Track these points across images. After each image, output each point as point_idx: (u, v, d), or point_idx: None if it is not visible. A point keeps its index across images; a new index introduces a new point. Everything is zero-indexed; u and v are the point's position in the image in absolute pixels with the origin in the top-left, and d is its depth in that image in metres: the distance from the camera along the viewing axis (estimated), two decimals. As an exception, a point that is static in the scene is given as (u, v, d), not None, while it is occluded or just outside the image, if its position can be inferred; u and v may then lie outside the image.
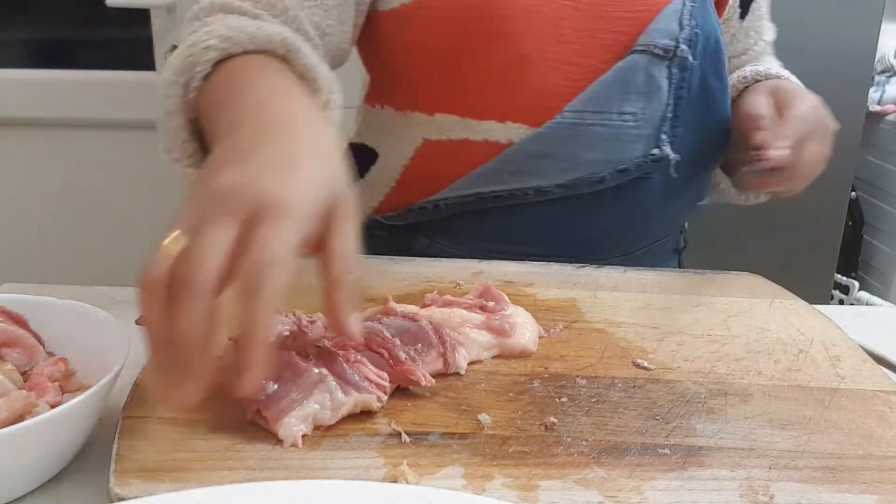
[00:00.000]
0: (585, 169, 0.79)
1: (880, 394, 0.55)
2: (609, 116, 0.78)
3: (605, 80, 0.78)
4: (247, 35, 0.60)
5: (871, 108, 2.13)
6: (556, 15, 0.77)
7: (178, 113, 0.62)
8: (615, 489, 0.44)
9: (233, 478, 0.43)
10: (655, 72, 0.79)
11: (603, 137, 0.78)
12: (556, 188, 0.80)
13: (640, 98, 0.79)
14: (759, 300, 0.70)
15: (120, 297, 0.74)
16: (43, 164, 1.88)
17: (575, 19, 0.77)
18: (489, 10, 0.76)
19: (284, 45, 0.61)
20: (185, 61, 0.60)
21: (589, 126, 0.78)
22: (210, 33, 0.61)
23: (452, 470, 0.45)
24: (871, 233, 2.28)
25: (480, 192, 0.81)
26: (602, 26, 0.78)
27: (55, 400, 0.48)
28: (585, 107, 0.78)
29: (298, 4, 0.72)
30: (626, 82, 0.78)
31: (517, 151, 0.79)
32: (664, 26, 0.78)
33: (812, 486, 0.45)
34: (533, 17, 0.76)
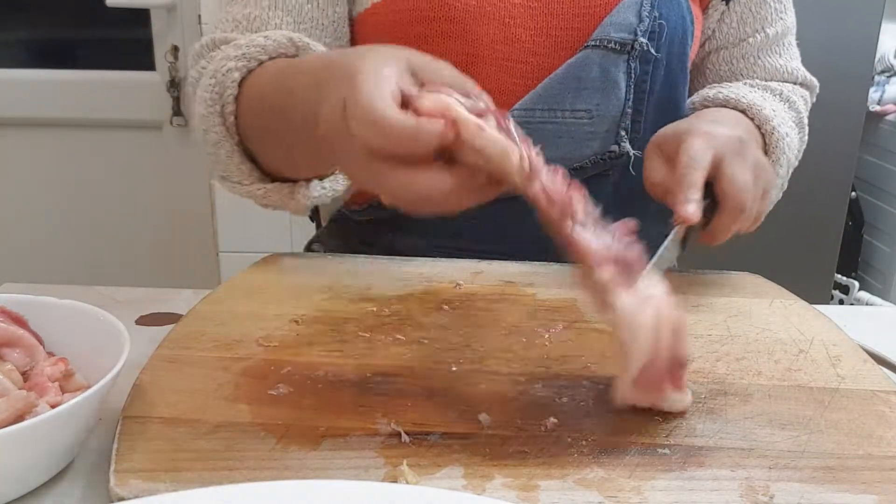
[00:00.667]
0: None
1: (880, 394, 0.55)
2: (561, 114, 0.78)
3: (556, 76, 0.78)
4: (258, 47, 0.66)
5: (871, 108, 2.13)
6: (507, 14, 0.77)
7: (225, 140, 0.67)
8: (615, 489, 0.44)
9: (233, 478, 0.43)
10: (611, 67, 0.77)
11: (554, 135, 0.77)
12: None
13: (595, 94, 0.77)
14: (759, 300, 0.70)
15: (120, 297, 0.74)
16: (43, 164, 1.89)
17: (526, 18, 0.77)
18: (435, 13, 0.76)
19: (293, 43, 0.67)
20: (213, 91, 0.66)
21: (539, 124, 0.78)
22: (226, 58, 0.66)
23: (452, 470, 0.45)
24: (871, 233, 2.28)
25: None
26: (556, 23, 0.77)
27: (55, 400, 0.48)
28: (535, 105, 0.78)
29: (294, 29, 0.77)
30: (578, 78, 0.77)
31: None
32: (620, 19, 0.77)
33: (812, 486, 0.45)
34: (481, 18, 0.76)
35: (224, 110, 0.66)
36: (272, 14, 0.77)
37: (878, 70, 2.18)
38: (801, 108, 0.86)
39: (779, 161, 0.78)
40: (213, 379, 0.54)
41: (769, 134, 0.77)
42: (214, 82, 0.66)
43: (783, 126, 0.79)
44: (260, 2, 0.77)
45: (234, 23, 0.77)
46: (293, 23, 0.78)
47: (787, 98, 0.84)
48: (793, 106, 0.84)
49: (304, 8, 0.78)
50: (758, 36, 0.87)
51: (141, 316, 0.70)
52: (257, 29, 0.76)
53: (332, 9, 0.80)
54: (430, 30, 0.77)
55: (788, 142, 0.79)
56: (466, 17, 0.76)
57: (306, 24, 0.78)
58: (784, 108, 0.83)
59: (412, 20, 0.77)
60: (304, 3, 0.78)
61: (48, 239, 1.90)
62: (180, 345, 0.58)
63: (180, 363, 0.55)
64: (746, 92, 0.80)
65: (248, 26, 0.77)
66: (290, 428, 0.48)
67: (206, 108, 0.67)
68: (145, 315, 0.70)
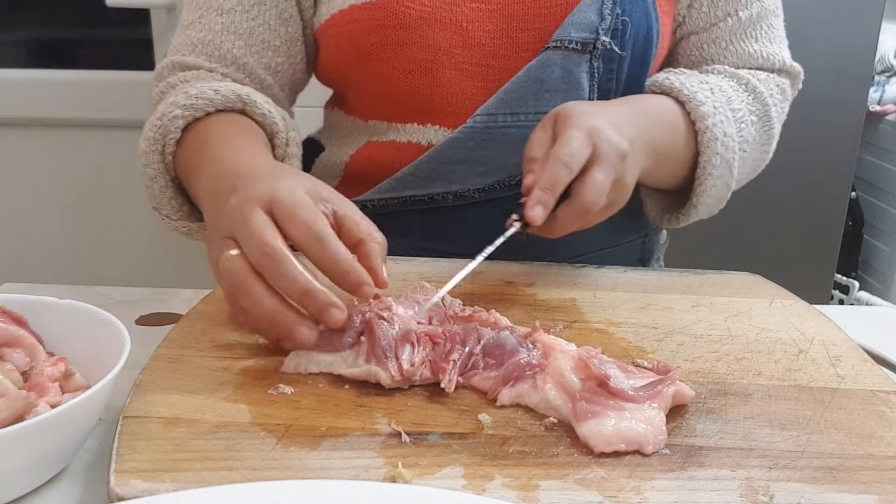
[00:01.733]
0: (503, 172, 0.79)
1: (880, 394, 0.55)
2: (523, 117, 0.77)
3: (518, 80, 0.77)
4: (206, 100, 0.71)
5: (871, 108, 2.13)
6: (464, 18, 0.76)
7: (160, 176, 0.73)
8: (615, 489, 0.44)
9: (233, 478, 0.43)
10: (573, 67, 0.77)
11: (517, 139, 0.75)
12: (475, 192, 0.80)
13: (558, 96, 0.77)
14: (759, 300, 0.70)
15: (120, 297, 0.74)
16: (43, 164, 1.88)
17: (484, 21, 0.77)
18: (391, 21, 0.76)
19: (240, 101, 0.72)
20: (157, 132, 0.71)
21: (502, 128, 0.78)
22: (175, 104, 0.71)
23: (452, 470, 0.45)
24: (871, 233, 2.28)
25: (402, 196, 0.81)
26: (515, 25, 0.77)
27: (55, 400, 0.48)
28: (497, 109, 0.78)
29: (248, 52, 0.80)
30: (540, 80, 0.77)
31: (434, 157, 0.80)
32: (581, 18, 0.76)
33: (812, 486, 0.45)
34: (438, 24, 0.76)
35: (164, 150, 0.72)
36: (225, 38, 0.79)
37: (878, 70, 2.18)
38: (770, 99, 0.82)
39: (710, 161, 0.76)
40: (213, 379, 0.54)
41: (701, 132, 0.75)
42: (160, 125, 0.71)
43: (723, 124, 0.76)
44: (213, 26, 0.79)
45: (191, 46, 0.80)
46: (245, 46, 0.79)
47: (754, 89, 0.81)
48: (759, 97, 0.81)
49: (256, 31, 0.80)
50: (729, 20, 0.84)
51: (141, 316, 0.70)
52: (211, 53, 0.79)
53: (284, 28, 0.81)
54: (386, 38, 0.77)
55: (727, 142, 0.76)
56: (422, 24, 0.76)
57: (257, 47, 0.80)
58: (746, 100, 0.80)
59: (369, 29, 0.77)
60: (255, 27, 0.80)
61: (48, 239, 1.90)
62: (180, 345, 0.58)
63: (180, 363, 0.55)
64: (693, 83, 0.77)
65: (204, 50, 0.80)
66: (289, 428, 0.48)
67: (147, 146, 0.72)
68: (145, 315, 0.70)
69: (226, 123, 0.71)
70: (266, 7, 0.80)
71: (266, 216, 0.53)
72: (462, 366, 0.54)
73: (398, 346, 0.54)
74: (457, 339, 0.55)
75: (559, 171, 0.62)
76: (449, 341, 0.55)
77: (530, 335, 0.56)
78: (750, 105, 0.81)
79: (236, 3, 0.79)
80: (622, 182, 0.66)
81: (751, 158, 0.83)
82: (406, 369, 0.52)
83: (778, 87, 0.85)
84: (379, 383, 0.52)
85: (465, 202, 0.80)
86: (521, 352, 0.54)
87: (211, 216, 0.60)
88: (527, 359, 0.53)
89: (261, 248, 0.51)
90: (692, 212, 0.81)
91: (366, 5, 0.76)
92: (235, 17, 0.79)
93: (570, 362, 0.52)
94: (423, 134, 0.80)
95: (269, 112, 0.73)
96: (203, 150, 0.68)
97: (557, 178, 0.62)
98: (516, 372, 0.53)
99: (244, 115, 0.73)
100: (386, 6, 0.76)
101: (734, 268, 0.78)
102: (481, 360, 0.54)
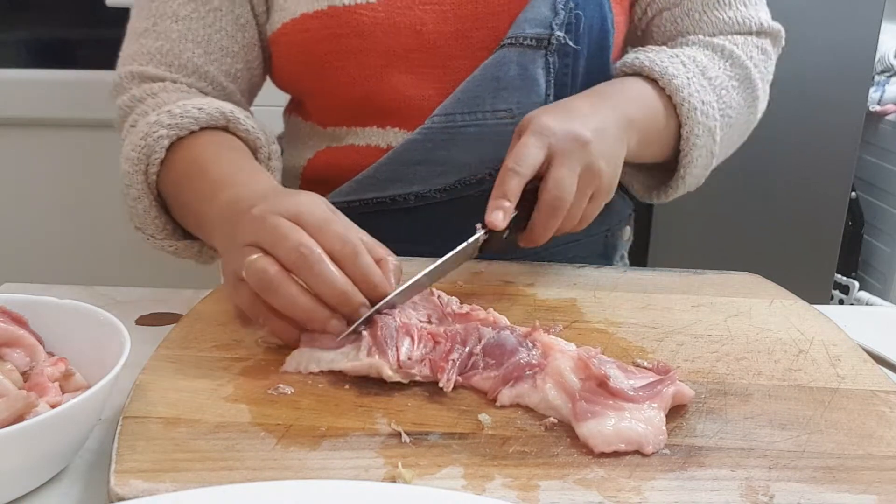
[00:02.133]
0: (462, 172, 0.79)
1: (880, 394, 0.55)
2: (481, 115, 0.77)
3: (474, 78, 0.77)
4: (191, 119, 0.71)
5: (871, 108, 2.13)
6: (418, 21, 0.76)
7: (144, 197, 0.72)
8: (615, 489, 0.44)
9: (233, 478, 0.43)
10: (529, 63, 0.77)
11: (476, 138, 0.76)
12: (436, 193, 0.80)
13: (515, 93, 0.77)
14: (759, 300, 0.70)
15: (120, 297, 0.74)
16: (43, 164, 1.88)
17: (439, 22, 0.76)
18: (344, 30, 0.76)
19: (224, 118, 0.73)
20: (140, 152, 0.71)
21: (461, 128, 0.78)
22: (159, 123, 0.71)
23: (452, 470, 0.45)
24: (871, 233, 2.28)
25: (363, 198, 0.81)
26: (470, 25, 0.77)
27: (55, 400, 0.48)
28: (455, 109, 0.78)
29: (207, 60, 0.79)
30: (496, 78, 0.77)
31: (393, 159, 0.80)
32: (535, 14, 0.76)
33: (812, 486, 0.45)
34: (392, 29, 0.76)
35: (148, 170, 0.71)
36: (183, 46, 0.78)
37: (878, 70, 2.18)
38: (750, 61, 0.82)
39: (693, 131, 0.76)
40: (213, 379, 0.54)
41: (679, 105, 0.76)
42: (144, 145, 0.71)
43: (700, 93, 0.76)
44: (170, 35, 0.78)
45: (149, 56, 0.79)
46: (204, 54, 0.79)
47: (731, 54, 0.81)
48: (737, 62, 0.81)
49: (213, 38, 0.79)
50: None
51: (141, 316, 0.70)
52: (171, 62, 0.79)
53: (241, 34, 0.80)
54: (340, 46, 0.76)
55: (706, 109, 0.76)
56: (376, 30, 0.75)
57: (216, 54, 0.80)
58: (723, 66, 0.80)
59: (321, 38, 0.76)
60: (212, 34, 0.79)
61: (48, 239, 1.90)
62: (180, 345, 0.58)
63: (180, 363, 0.55)
64: (663, 59, 0.77)
65: (163, 59, 0.79)
66: (289, 428, 0.48)
67: (131, 167, 0.72)
68: (145, 315, 0.70)
69: (217, 144, 0.71)
70: (222, 13, 0.79)
71: (294, 224, 0.54)
72: (462, 365, 0.54)
73: (398, 338, 0.54)
74: (457, 338, 0.55)
75: (507, 176, 0.63)
76: (449, 341, 0.55)
77: (530, 335, 0.56)
78: (728, 71, 0.81)
79: (191, 10, 0.78)
80: (593, 169, 0.66)
81: (737, 123, 0.83)
82: (403, 361, 0.52)
83: (758, 48, 0.84)
84: (379, 381, 0.52)
85: (427, 202, 0.80)
86: (520, 351, 0.54)
87: (227, 233, 0.60)
88: (526, 359, 0.53)
89: (297, 249, 0.53)
90: (679, 184, 0.82)
91: (317, 14, 0.76)
92: (192, 25, 0.78)
93: (569, 362, 0.52)
94: (383, 137, 0.80)
95: (252, 128, 0.74)
96: (200, 174, 0.68)
97: (506, 185, 0.63)
98: (516, 372, 0.53)
99: (227, 132, 0.74)
100: (338, 15, 0.75)
101: (734, 268, 0.78)
102: (481, 359, 0.54)
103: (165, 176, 0.72)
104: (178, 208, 0.73)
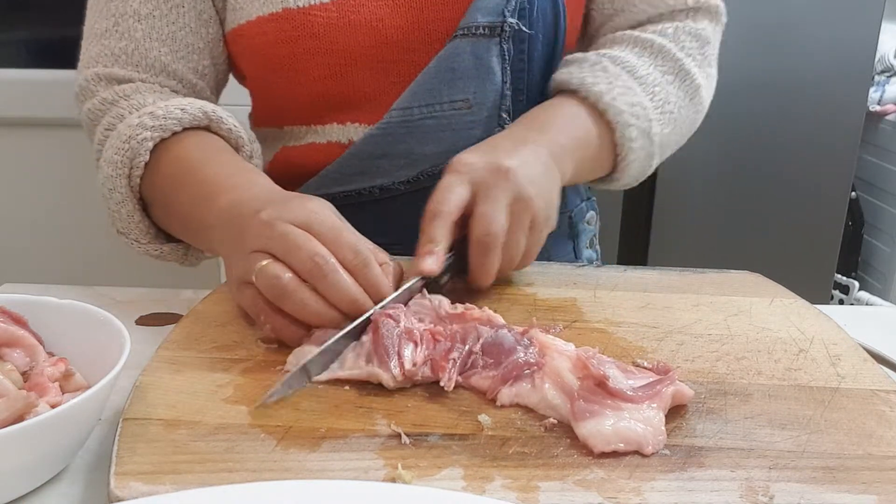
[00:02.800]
0: (425, 163, 0.79)
1: (880, 393, 0.55)
2: (439, 107, 0.77)
3: (429, 70, 0.77)
4: (174, 120, 0.70)
5: (871, 108, 2.13)
6: (373, 17, 0.76)
7: (128, 200, 0.72)
8: (615, 490, 0.44)
9: (233, 479, 0.43)
10: (483, 52, 0.77)
11: (435, 129, 0.77)
12: (400, 185, 0.80)
13: (471, 82, 0.77)
14: (759, 300, 0.70)
15: (120, 297, 0.74)
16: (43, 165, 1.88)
17: (395, 17, 0.76)
18: (299, 32, 0.75)
19: (207, 118, 0.72)
20: (123, 156, 0.70)
21: (419, 120, 0.78)
22: (142, 126, 0.70)
23: (452, 471, 0.45)
24: (871, 233, 2.28)
25: (329, 192, 0.81)
26: (426, 16, 0.77)
27: (55, 400, 0.48)
28: (412, 102, 0.78)
29: (174, 58, 0.79)
30: (451, 69, 0.77)
31: (355, 154, 0.80)
32: (487, 3, 0.76)
33: (812, 486, 0.45)
34: (347, 28, 0.75)
35: (132, 173, 0.70)
36: (150, 45, 0.77)
37: (878, 70, 2.18)
38: (682, 52, 0.81)
39: (625, 134, 0.76)
40: (214, 380, 0.54)
41: (604, 111, 0.76)
42: (127, 147, 0.70)
43: (626, 96, 0.76)
44: (133, 34, 0.77)
45: (114, 57, 0.78)
46: (170, 52, 0.78)
47: (660, 48, 0.80)
48: (667, 55, 0.80)
49: (178, 35, 0.78)
50: (647, 6, 0.83)
51: (141, 316, 0.70)
52: (137, 62, 0.77)
53: (206, 30, 0.80)
54: (297, 49, 0.76)
55: (636, 111, 0.76)
56: (331, 30, 0.75)
57: (182, 52, 0.79)
58: (654, 62, 0.80)
59: (277, 41, 0.76)
60: (176, 31, 0.78)
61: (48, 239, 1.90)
62: (180, 345, 0.58)
63: (180, 364, 0.55)
64: (583, 70, 0.77)
65: (129, 60, 0.78)
66: (289, 429, 0.48)
67: (114, 170, 0.71)
68: (145, 315, 0.70)
69: (204, 145, 0.71)
70: (184, 10, 0.78)
71: (305, 231, 0.55)
72: (461, 364, 0.54)
73: (401, 345, 0.54)
74: (457, 337, 0.55)
75: (429, 221, 0.62)
76: (449, 339, 0.55)
77: (526, 332, 0.56)
78: (660, 66, 0.80)
79: (153, 7, 0.77)
80: (523, 198, 0.64)
81: (681, 117, 0.82)
82: (408, 369, 0.52)
83: (690, 34, 0.83)
84: (379, 383, 0.52)
85: (392, 195, 0.81)
86: (518, 350, 0.54)
87: (232, 237, 0.60)
88: (524, 357, 0.53)
89: (312, 258, 0.54)
90: (615, 184, 0.82)
91: (272, 17, 0.75)
92: (155, 23, 0.77)
93: (567, 362, 0.52)
94: (343, 132, 0.81)
95: (234, 126, 0.74)
96: (191, 176, 0.67)
97: (430, 230, 0.62)
98: (515, 371, 0.53)
99: (209, 132, 0.73)
100: (292, 17, 0.75)
101: (734, 267, 0.78)
102: (480, 358, 0.54)
103: (149, 179, 0.71)
104: (162, 211, 0.72)
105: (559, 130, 0.73)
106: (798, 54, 1.66)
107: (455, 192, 0.63)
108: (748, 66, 1.69)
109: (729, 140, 1.75)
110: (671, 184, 1.77)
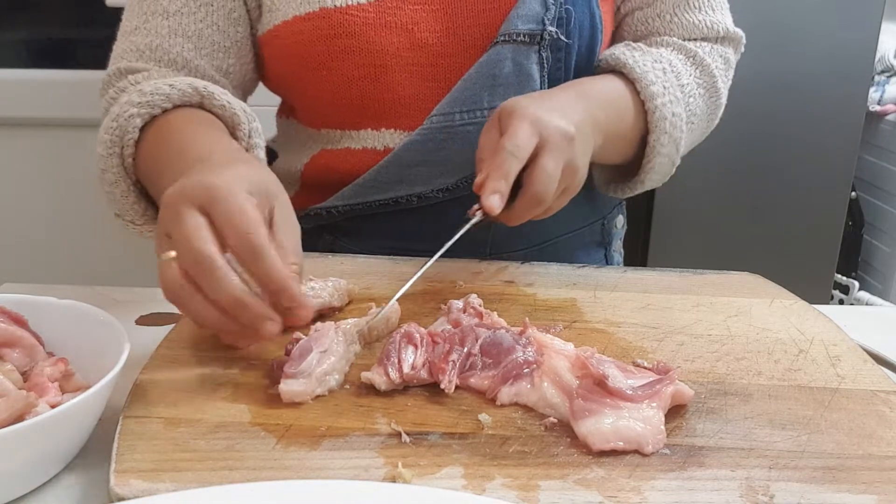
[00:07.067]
0: (464, 171, 0.79)
1: (880, 394, 0.55)
2: (480, 114, 0.77)
3: (470, 76, 0.77)
4: (162, 96, 0.68)
5: (871, 108, 2.13)
6: (409, 20, 0.76)
7: (121, 181, 0.70)
8: (615, 489, 0.44)
9: (233, 478, 0.43)
10: (523, 59, 0.77)
11: (475, 137, 0.75)
12: (438, 193, 0.80)
13: (511, 89, 0.77)
14: (759, 300, 0.70)
15: (120, 297, 0.74)
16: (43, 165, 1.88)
17: (430, 21, 0.76)
18: (336, 30, 0.75)
19: (197, 93, 0.69)
20: (113, 134, 0.68)
21: (459, 127, 0.78)
22: (130, 103, 0.68)
23: (453, 470, 0.45)
24: (871, 233, 2.28)
25: (366, 201, 0.81)
26: (461, 23, 0.77)
27: (55, 400, 0.48)
28: (453, 108, 0.78)
29: (198, 54, 0.78)
30: (492, 76, 0.77)
31: (393, 161, 0.80)
32: (527, 11, 0.76)
33: (812, 486, 0.45)
34: (383, 29, 0.76)
35: (123, 152, 0.69)
36: (173, 41, 0.77)
37: (878, 70, 2.18)
38: (717, 70, 0.84)
39: (659, 140, 0.78)
40: (213, 379, 0.54)
41: (651, 112, 0.77)
42: (116, 126, 0.68)
43: (672, 105, 0.78)
44: (160, 31, 0.77)
45: (138, 52, 0.78)
46: (194, 49, 0.78)
47: (701, 62, 0.83)
48: (706, 70, 0.83)
49: (204, 33, 0.78)
50: None
51: (141, 316, 0.70)
52: (160, 58, 0.77)
53: (234, 29, 0.79)
54: (332, 47, 0.76)
55: (675, 121, 0.78)
56: (368, 29, 0.75)
57: (207, 49, 0.78)
58: (694, 73, 0.82)
59: (313, 40, 0.76)
60: (203, 29, 0.78)
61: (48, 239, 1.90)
62: (180, 345, 0.58)
63: (180, 363, 0.55)
64: (647, 61, 0.78)
65: (152, 55, 0.77)
66: (289, 428, 0.48)
67: (105, 150, 0.69)
68: (145, 315, 0.70)
69: (186, 120, 0.69)
70: (213, 8, 0.78)
71: (201, 217, 0.50)
72: (461, 366, 0.54)
73: (401, 348, 0.54)
74: (455, 339, 0.55)
75: (507, 160, 0.64)
76: (447, 342, 0.55)
77: (523, 332, 0.56)
78: (698, 79, 0.82)
79: (182, 5, 0.77)
80: (572, 166, 0.67)
81: (698, 129, 0.85)
82: (406, 373, 0.52)
83: (722, 57, 0.86)
84: None
85: (430, 202, 0.80)
86: (517, 349, 0.54)
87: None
88: (523, 356, 0.53)
89: (192, 255, 0.49)
90: (637, 186, 0.84)
91: (309, 16, 0.75)
92: (182, 20, 0.77)
93: (565, 361, 0.52)
94: (379, 139, 0.80)
95: (227, 103, 0.70)
96: (164, 147, 0.65)
97: (507, 168, 0.64)
98: (514, 370, 0.53)
99: (202, 109, 0.71)
100: (329, 16, 0.75)
101: (734, 268, 0.78)
102: (479, 359, 0.54)
103: (140, 157, 0.69)
104: (154, 190, 0.69)
105: (605, 109, 0.74)
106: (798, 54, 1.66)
107: (531, 141, 0.65)
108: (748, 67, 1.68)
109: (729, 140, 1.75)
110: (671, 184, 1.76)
